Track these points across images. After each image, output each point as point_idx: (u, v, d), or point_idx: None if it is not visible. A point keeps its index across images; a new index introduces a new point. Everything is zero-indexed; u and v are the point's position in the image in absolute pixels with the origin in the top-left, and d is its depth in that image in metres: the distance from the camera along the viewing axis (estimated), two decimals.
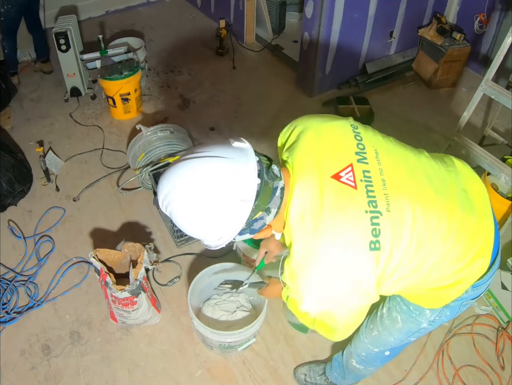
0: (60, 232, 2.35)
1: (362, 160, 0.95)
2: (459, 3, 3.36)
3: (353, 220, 0.90)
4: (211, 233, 0.93)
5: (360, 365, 1.45)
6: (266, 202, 0.92)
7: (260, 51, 3.79)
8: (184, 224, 0.93)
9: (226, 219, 0.90)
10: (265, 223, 0.95)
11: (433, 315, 1.13)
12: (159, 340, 1.92)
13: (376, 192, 0.92)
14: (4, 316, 1.96)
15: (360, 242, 0.89)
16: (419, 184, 0.98)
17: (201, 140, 2.92)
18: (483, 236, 1.03)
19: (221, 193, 0.88)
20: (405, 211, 0.93)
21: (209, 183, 0.87)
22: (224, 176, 0.88)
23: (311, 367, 1.79)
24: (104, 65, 2.89)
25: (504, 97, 1.97)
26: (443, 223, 0.96)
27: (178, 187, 0.89)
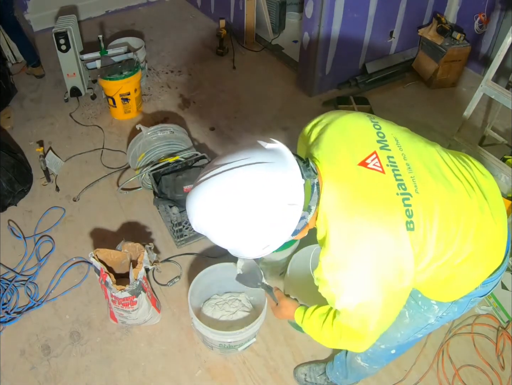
0: (60, 232, 2.35)
1: (384, 148, 0.97)
2: (459, 3, 3.36)
3: (387, 202, 0.90)
4: (258, 243, 0.90)
5: (365, 363, 1.44)
6: (308, 201, 0.91)
7: (260, 51, 3.79)
8: (228, 240, 0.91)
9: (276, 226, 0.87)
10: (306, 222, 0.94)
11: (441, 310, 1.12)
12: (159, 340, 1.92)
13: (403, 176, 0.93)
14: (4, 316, 1.96)
15: (397, 222, 0.89)
16: (441, 170, 1.00)
17: (201, 140, 2.92)
18: (498, 234, 1.04)
19: (269, 201, 0.84)
20: (432, 193, 0.95)
21: (254, 193, 0.84)
22: (268, 183, 0.84)
23: (311, 367, 1.79)
24: (104, 65, 2.89)
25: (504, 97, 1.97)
26: (464, 210, 0.98)
27: (218, 205, 0.85)
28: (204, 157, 2.37)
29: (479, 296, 1.11)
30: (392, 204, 0.90)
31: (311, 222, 0.97)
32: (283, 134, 2.94)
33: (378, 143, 0.98)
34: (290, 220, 0.87)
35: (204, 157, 2.36)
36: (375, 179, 0.92)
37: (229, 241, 0.91)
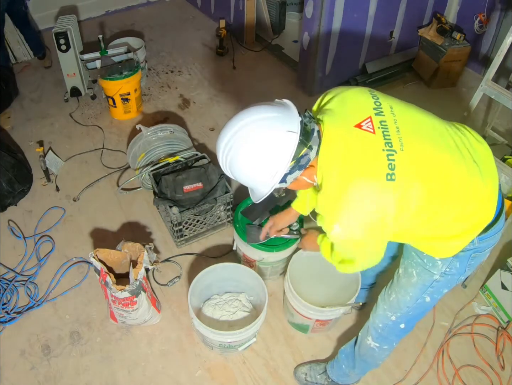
0: (60, 232, 2.35)
1: (379, 114, 1.12)
2: (459, 3, 3.36)
3: (372, 156, 1.06)
4: (267, 168, 1.06)
5: (375, 342, 1.47)
6: (308, 139, 1.08)
7: (260, 51, 3.79)
8: (243, 165, 1.07)
9: (278, 150, 1.04)
10: (309, 158, 1.10)
11: (444, 266, 1.23)
12: (159, 340, 1.92)
13: (392, 136, 1.08)
14: (4, 316, 1.96)
15: (378, 173, 1.04)
16: (429, 133, 1.13)
17: (201, 140, 2.93)
18: (487, 194, 1.16)
19: (272, 127, 1.04)
20: (418, 151, 1.08)
21: (261, 121, 1.04)
22: (272, 114, 1.05)
23: (311, 366, 1.79)
24: (104, 65, 2.89)
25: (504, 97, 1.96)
26: (450, 169, 1.11)
27: (236, 132, 1.05)
28: (204, 157, 2.37)
29: (478, 251, 1.22)
30: (377, 158, 1.05)
31: (311, 172, 1.13)
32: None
33: (373, 110, 1.13)
34: (289, 146, 1.04)
35: (204, 157, 2.36)
36: (365, 139, 1.08)
37: (245, 167, 1.07)
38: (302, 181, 1.16)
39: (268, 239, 1.89)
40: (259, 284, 1.80)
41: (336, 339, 1.93)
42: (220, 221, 2.32)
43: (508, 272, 1.90)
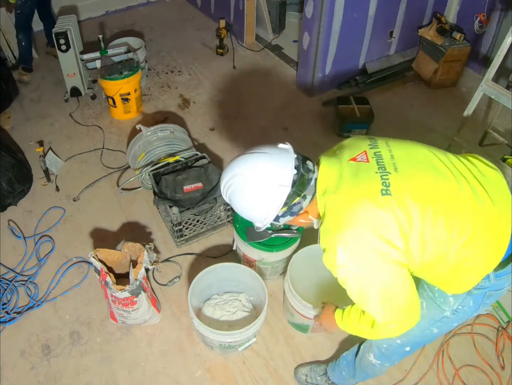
0: (60, 232, 2.35)
1: (373, 147, 1.16)
2: (459, 3, 3.36)
3: (366, 178, 1.08)
4: (259, 212, 1.15)
5: (377, 359, 1.45)
6: (302, 190, 1.13)
7: (260, 51, 3.79)
8: (239, 205, 1.17)
9: (268, 200, 1.12)
10: (302, 207, 1.15)
11: (456, 303, 1.18)
12: (159, 340, 1.92)
13: (385, 162, 1.10)
14: (4, 316, 1.96)
15: (373, 190, 1.04)
16: (424, 160, 1.12)
17: (201, 140, 2.93)
18: (500, 221, 1.10)
19: (265, 179, 1.11)
20: (414, 173, 1.09)
21: (256, 172, 1.12)
22: (267, 167, 1.12)
23: (312, 367, 1.79)
24: (104, 65, 2.89)
25: (504, 97, 1.97)
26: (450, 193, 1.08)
27: (235, 175, 1.13)
28: (204, 157, 2.37)
29: (494, 289, 1.15)
30: (370, 178, 1.07)
31: (311, 210, 1.18)
32: (283, 134, 2.94)
33: (368, 145, 1.17)
34: (279, 198, 1.11)
35: (204, 157, 2.36)
36: (359, 166, 1.11)
37: (240, 206, 1.17)
38: (296, 221, 1.22)
39: (268, 239, 1.89)
40: (259, 284, 1.80)
41: (336, 340, 1.93)
42: (220, 221, 2.32)
43: None
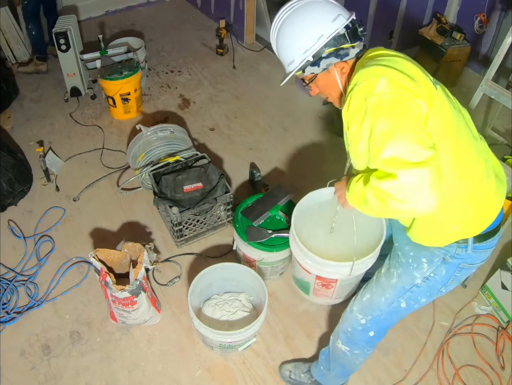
0: (60, 232, 2.35)
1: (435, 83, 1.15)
2: (459, 3, 3.36)
3: (420, 72, 1.10)
4: (309, 36, 1.13)
5: (345, 345, 1.44)
6: (355, 39, 1.15)
7: (260, 51, 3.79)
8: (293, 25, 1.14)
9: (327, 20, 1.13)
10: (348, 53, 1.15)
11: (429, 269, 1.20)
12: (159, 340, 1.92)
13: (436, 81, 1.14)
14: (4, 316, 1.96)
15: (425, 77, 1.08)
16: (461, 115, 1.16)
17: (201, 140, 2.93)
18: (496, 191, 1.16)
19: (329, 6, 1.15)
20: (446, 103, 1.11)
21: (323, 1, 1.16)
22: (333, 1, 1.18)
23: (297, 364, 1.79)
24: (104, 65, 2.89)
25: (504, 97, 1.96)
26: (470, 146, 1.13)
27: None
28: (204, 157, 2.37)
29: (468, 262, 1.18)
30: (424, 76, 1.10)
31: (347, 68, 1.18)
32: (283, 134, 2.94)
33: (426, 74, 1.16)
34: (335, 25, 1.13)
35: (204, 157, 2.36)
36: (416, 67, 1.11)
37: (291, 29, 1.15)
38: (331, 76, 1.18)
39: (268, 239, 1.89)
40: (259, 284, 1.80)
41: None
42: (220, 221, 2.32)
43: (508, 272, 1.90)
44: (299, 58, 1.15)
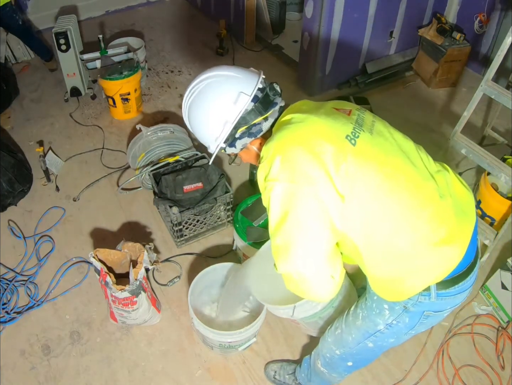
0: (60, 232, 2.35)
1: (361, 112, 1.12)
2: (459, 3, 3.36)
3: (339, 121, 1.04)
4: (215, 123, 1.11)
5: (324, 368, 1.43)
6: (265, 110, 1.12)
7: (260, 51, 3.79)
8: (197, 115, 1.15)
9: (228, 107, 1.09)
10: (261, 128, 1.13)
11: (391, 317, 1.12)
12: (159, 340, 1.92)
13: (365, 123, 1.07)
14: (4, 316, 1.96)
15: (338, 132, 1.01)
16: (403, 153, 1.07)
17: None
18: (458, 229, 1.02)
19: (229, 84, 1.11)
20: (384, 149, 1.04)
21: (221, 77, 1.13)
22: (235, 74, 1.13)
23: (282, 365, 1.79)
24: (104, 65, 2.89)
25: (504, 97, 1.97)
26: (420, 184, 1.03)
27: (201, 81, 1.15)
28: (204, 157, 2.37)
29: (434, 310, 1.08)
30: (343, 124, 1.03)
31: (263, 143, 1.10)
32: None
33: (357, 109, 1.13)
34: (238, 105, 1.09)
35: (204, 157, 2.36)
36: (339, 114, 1.08)
37: (198, 119, 1.15)
38: (252, 152, 1.18)
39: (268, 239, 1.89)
40: None
41: None
42: (220, 221, 2.32)
43: (508, 272, 1.90)
44: (212, 144, 1.15)
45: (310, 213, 0.97)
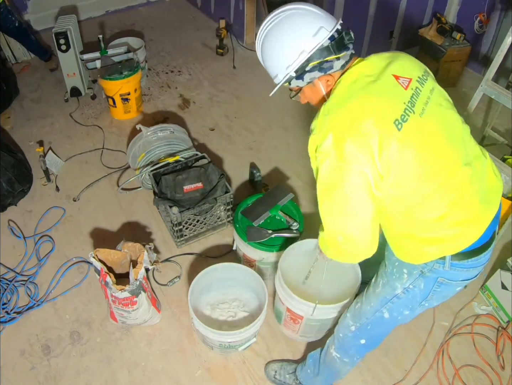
0: (60, 232, 2.35)
1: (420, 82, 1.13)
2: (459, 3, 3.36)
3: (392, 99, 1.06)
4: (291, 50, 1.12)
5: (337, 352, 1.46)
6: (339, 51, 1.13)
7: None
8: (275, 40, 1.13)
9: (308, 35, 1.10)
10: (332, 66, 1.14)
11: (408, 280, 1.20)
12: (159, 340, 1.92)
13: (419, 101, 1.09)
14: (4, 316, 1.96)
15: (388, 113, 1.04)
16: (448, 137, 1.12)
17: (201, 140, 2.93)
18: (481, 211, 1.12)
19: (311, 17, 1.12)
20: (433, 128, 1.09)
21: (306, 11, 1.13)
22: (316, 11, 1.14)
23: (282, 365, 1.79)
24: (104, 65, 2.89)
25: (504, 97, 1.97)
26: (454, 166, 1.10)
27: (283, 11, 1.14)
28: (204, 157, 2.37)
29: (447, 278, 1.16)
30: (395, 103, 1.06)
31: (331, 79, 1.16)
32: (284, 134, 2.94)
33: (417, 77, 1.14)
34: (319, 37, 1.10)
35: (204, 157, 2.36)
36: (395, 87, 1.09)
37: (274, 43, 1.14)
38: (317, 88, 1.18)
39: (268, 239, 1.89)
40: (259, 284, 1.80)
41: None
42: (220, 221, 2.32)
43: (508, 272, 1.90)
44: (282, 73, 1.16)
45: (355, 187, 1.06)
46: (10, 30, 3.17)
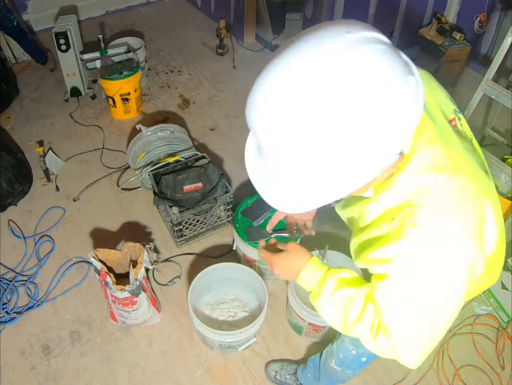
0: (60, 232, 2.35)
1: (456, 113, 0.93)
2: (459, 3, 3.36)
3: (473, 158, 0.82)
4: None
5: (338, 366, 1.41)
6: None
7: (260, 51, 3.79)
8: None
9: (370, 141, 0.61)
10: (398, 153, 0.67)
11: None
12: (159, 340, 1.92)
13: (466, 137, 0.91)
14: (4, 316, 1.96)
15: (486, 185, 0.84)
16: None
17: (201, 140, 2.92)
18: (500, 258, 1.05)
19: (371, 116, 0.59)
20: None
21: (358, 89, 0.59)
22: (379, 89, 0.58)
23: (283, 365, 1.78)
24: (104, 65, 2.89)
25: (504, 97, 1.97)
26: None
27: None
28: (204, 157, 2.37)
29: None
30: (476, 161, 0.81)
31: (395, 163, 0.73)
32: None
33: (454, 109, 0.90)
34: (378, 159, 0.62)
35: (204, 157, 2.36)
36: (461, 140, 0.80)
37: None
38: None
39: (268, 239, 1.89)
40: (259, 284, 1.80)
41: None
42: (220, 221, 2.32)
43: (508, 272, 1.90)
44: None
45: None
46: (8, 29, 3.17)
